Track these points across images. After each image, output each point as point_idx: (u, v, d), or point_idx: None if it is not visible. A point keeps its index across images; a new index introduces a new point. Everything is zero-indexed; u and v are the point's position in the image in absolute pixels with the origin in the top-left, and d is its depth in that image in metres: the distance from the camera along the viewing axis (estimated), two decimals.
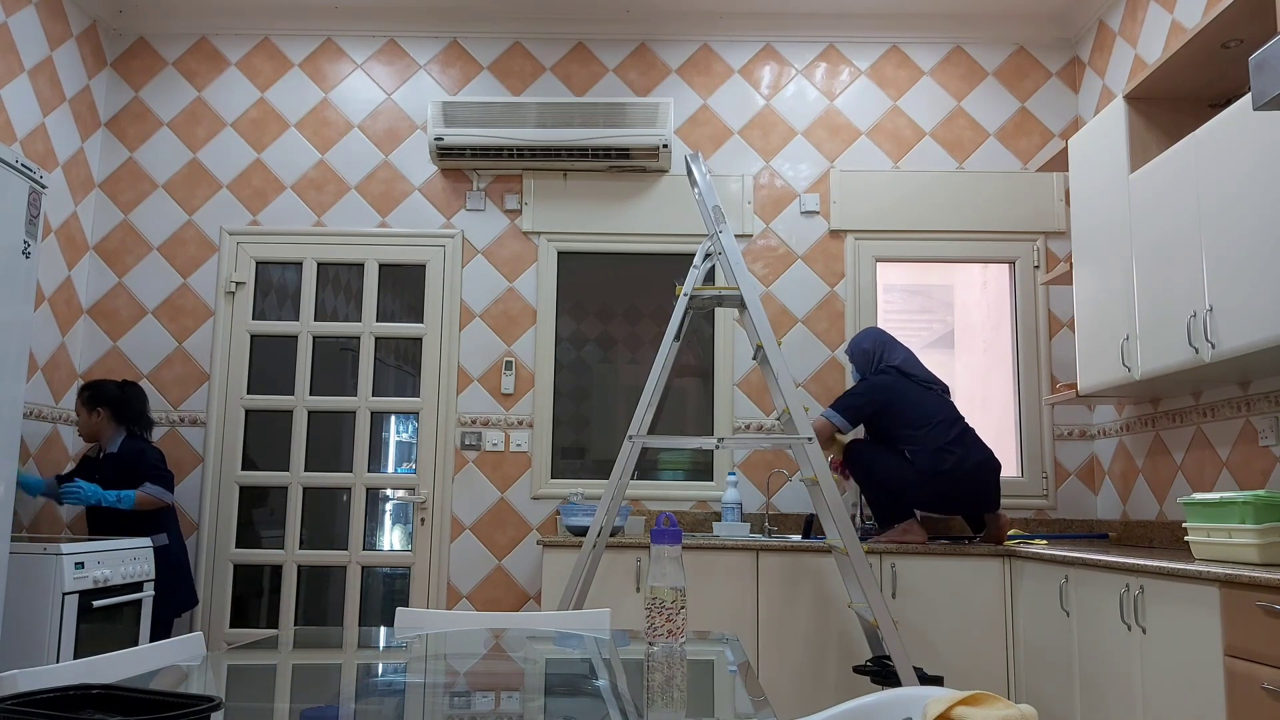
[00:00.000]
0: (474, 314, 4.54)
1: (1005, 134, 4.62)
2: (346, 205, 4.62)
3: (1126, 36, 4.18)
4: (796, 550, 3.74)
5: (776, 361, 3.40)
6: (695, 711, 1.35)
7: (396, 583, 4.42)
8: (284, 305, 4.58)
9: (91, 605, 3.50)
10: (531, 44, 4.71)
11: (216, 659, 1.74)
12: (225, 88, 4.70)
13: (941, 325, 5.13)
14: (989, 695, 1.15)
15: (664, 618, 1.92)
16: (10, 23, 3.99)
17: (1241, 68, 3.26)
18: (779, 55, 4.70)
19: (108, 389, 4.03)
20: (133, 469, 3.94)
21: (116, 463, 3.95)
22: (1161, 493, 3.87)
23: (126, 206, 4.62)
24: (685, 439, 3.44)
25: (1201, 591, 2.52)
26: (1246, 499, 2.63)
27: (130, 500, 3.86)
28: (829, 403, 4.45)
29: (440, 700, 1.42)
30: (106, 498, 3.82)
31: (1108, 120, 3.59)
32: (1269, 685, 2.25)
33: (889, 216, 4.55)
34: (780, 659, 3.68)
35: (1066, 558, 3.22)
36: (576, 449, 4.48)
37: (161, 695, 1.09)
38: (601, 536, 3.42)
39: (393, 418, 4.54)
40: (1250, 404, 3.33)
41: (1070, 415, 4.45)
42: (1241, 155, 2.78)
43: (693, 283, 3.54)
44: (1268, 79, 2.27)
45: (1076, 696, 3.21)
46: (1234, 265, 2.80)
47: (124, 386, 4.08)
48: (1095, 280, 3.65)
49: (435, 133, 4.37)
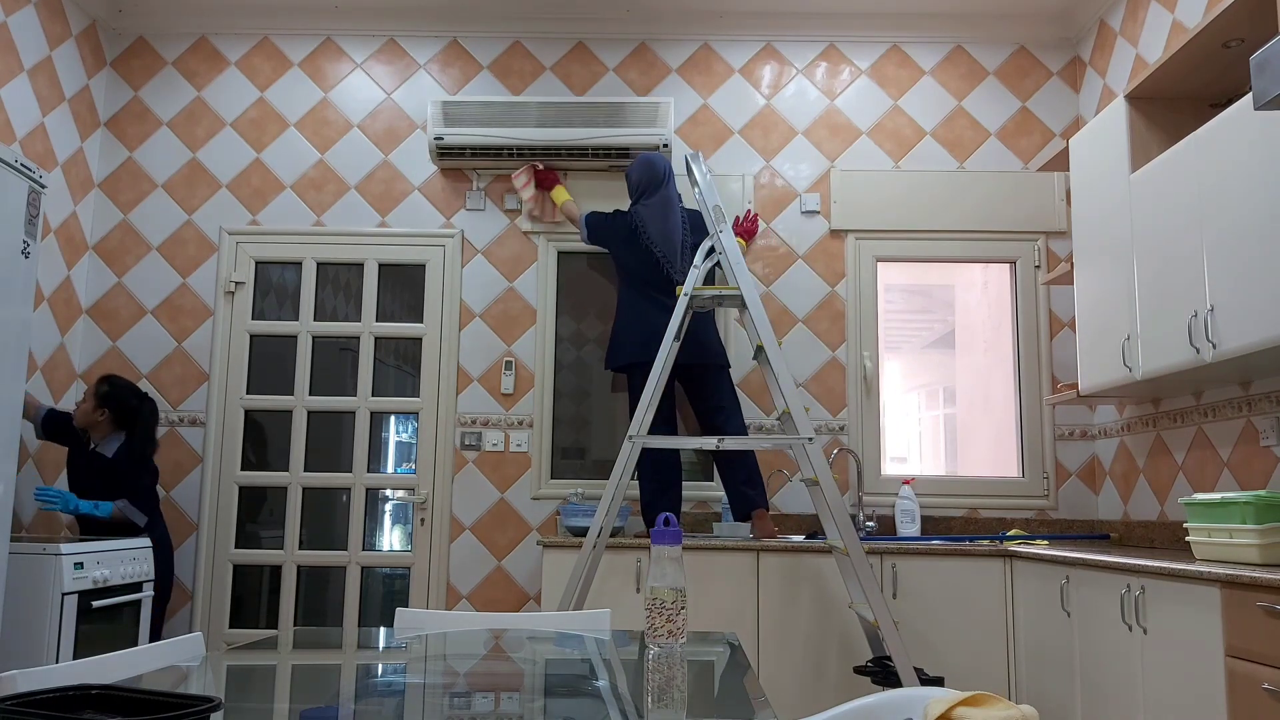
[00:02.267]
0: (474, 314, 4.53)
1: (1006, 133, 4.61)
2: (346, 205, 4.62)
3: (1127, 36, 4.18)
4: (797, 551, 3.74)
5: (777, 361, 3.40)
6: (695, 712, 1.35)
7: (396, 583, 4.42)
8: (284, 305, 4.57)
9: (91, 605, 3.50)
10: (531, 43, 4.71)
11: (216, 659, 1.74)
12: (225, 87, 4.70)
13: (942, 325, 5.12)
14: (990, 696, 1.14)
15: (664, 618, 1.91)
16: (10, 22, 3.99)
17: (1242, 67, 3.26)
18: (779, 55, 4.70)
19: (125, 396, 3.96)
20: (119, 479, 3.90)
21: (107, 466, 3.92)
22: (1162, 493, 3.86)
23: (126, 206, 4.62)
24: (685, 439, 3.43)
25: (1202, 592, 2.52)
26: (1247, 499, 2.62)
27: (107, 511, 3.83)
28: (829, 404, 4.45)
29: (440, 701, 1.41)
30: (83, 506, 3.79)
31: (1109, 120, 3.59)
32: (1270, 686, 2.25)
33: (889, 216, 4.55)
34: (780, 659, 3.68)
35: (1067, 558, 3.21)
36: (576, 449, 4.48)
37: (161, 695, 1.09)
38: (601, 537, 3.42)
39: (392, 418, 4.54)
40: (1251, 404, 3.33)
41: (1071, 415, 4.44)
42: (1243, 155, 2.78)
43: (693, 282, 3.54)
44: (1268, 79, 2.27)
45: (1077, 697, 3.20)
46: (1235, 265, 2.80)
47: (143, 400, 4.02)
48: (1096, 280, 3.65)
49: (435, 132, 4.36)
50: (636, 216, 4.05)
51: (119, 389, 3.96)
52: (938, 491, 4.38)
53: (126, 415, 3.97)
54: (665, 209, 4.03)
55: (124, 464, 3.92)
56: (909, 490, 4.18)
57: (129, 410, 3.97)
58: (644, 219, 4.02)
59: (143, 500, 3.91)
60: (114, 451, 3.94)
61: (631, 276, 4.02)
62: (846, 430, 4.42)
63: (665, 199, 4.04)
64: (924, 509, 4.36)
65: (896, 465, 5.10)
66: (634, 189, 4.12)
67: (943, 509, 4.36)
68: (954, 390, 5.18)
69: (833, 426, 4.42)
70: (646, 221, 4.01)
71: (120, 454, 3.94)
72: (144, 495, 3.92)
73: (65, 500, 3.77)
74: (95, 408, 3.93)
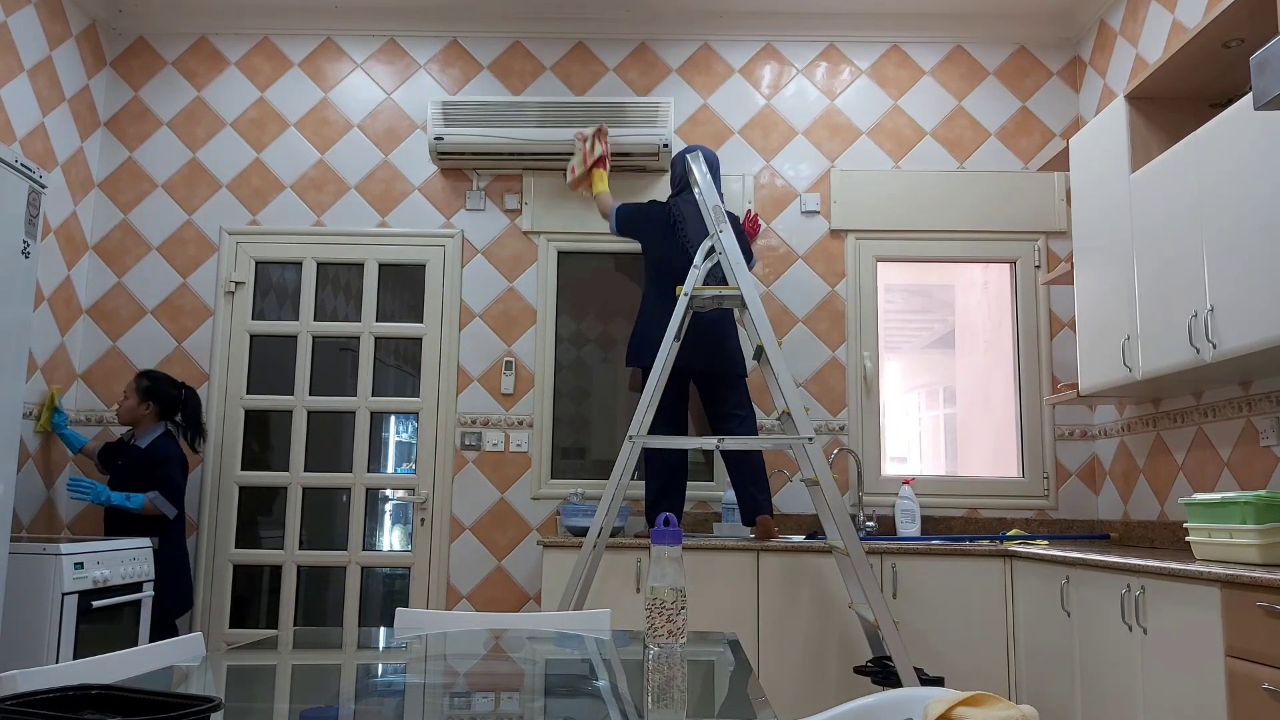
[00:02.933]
0: (474, 314, 4.53)
1: (1006, 133, 4.61)
2: (346, 205, 4.62)
3: (1127, 36, 4.18)
4: (797, 551, 3.74)
5: (777, 361, 3.40)
6: (695, 712, 1.35)
7: (396, 583, 4.42)
8: (284, 305, 4.57)
9: (91, 605, 3.49)
10: (531, 43, 4.71)
11: (216, 659, 1.74)
12: (225, 87, 4.70)
13: (942, 325, 5.12)
14: (990, 696, 1.14)
15: (664, 618, 1.91)
16: (10, 22, 3.99)
17: (1242, 67, 3.26)
18: (779, 55, 4.70)
19: (167, 388, 4.06)
20: (153, 470, 3.94)
21: (141, 458, 3.96)
22: (1163, 493, 3.86)
23: (126, 206, 4.62)
24: (685, 439, 3.43)
25: (1202, 592, 2.52)
26: (1247, 499, 2.62)
27: (139, 503, 3.87)
28: (829, 404, 4.45)
29: (440, 701, 1.41)
30: (114, 498, 3.84)
31: (1109, 120, 3.59)
32: (1270, 686, 2.24)
33: (890, 216, 4.55)
34: (780, 659, 3.68)
35: (1067, 558, 3.21)
36: (576, 449, 4.48)
37: (161, 695, 1.09)
38: (601, 537, 3.42)
39: (392, 418, 4.54)
40: (1251, 404, 3.33)
41: (1071, 415, 4.44)
42: (1243, 155, 2.78)
43: (693, 282, 3.54)
44: (1269, 79, 2.27)
45: (1077, 697, 3.20)
46: (1235, 265, 2.80)
47: (183, 389, 4.12)
48: (1096, 280, 3.65)
49: (435, 132, 4.36)
50: (675, 209, 3.98)
51: (159, 381, 4.06)
52: (938, 491, 4.38)
53: (170, 406, 4.07)
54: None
55: (159, 454, 3.96)
56: (909, 490, 4.18)
57: (172, 400, 4.07)
58: (682, 213, 3.96)
59: (174, 494, 3.95)
60: (149, 443, 3.99)
61: (660, 269, 3.94)
62: (846, 430, 4.42)
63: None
64: (924, 509, 4.36)
65: (896, 465, 5.10)
66: (676, 180, 4.06)
67: (943, 509, 4.36)
68: (954, 390, 5.18)
69: (833, 426, 4.42)
70: (685, 217, 3.95)
71: (156, 445, 3.99)
72: (175, 489, 3.96)
73: (97, 492, 3.82)
74: (140, 402, 4.01)
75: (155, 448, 3.98)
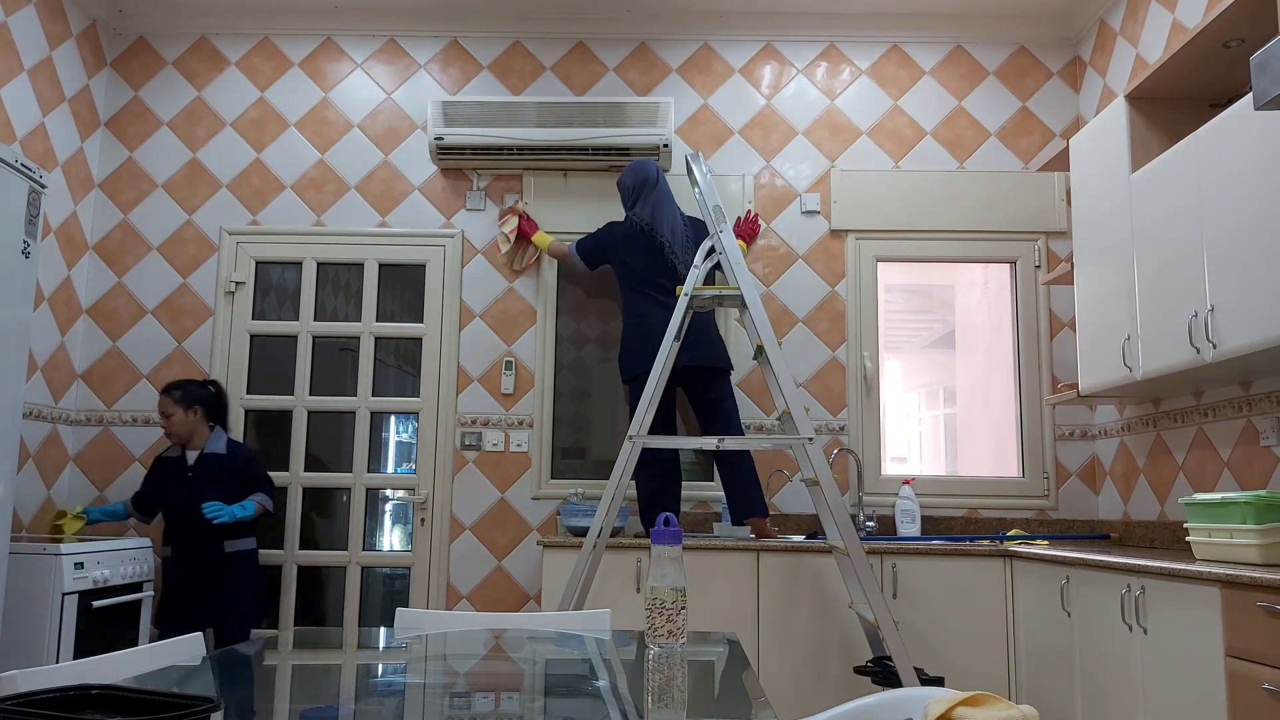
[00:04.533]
0: (474, 314, 4.53)
1: (1006, 134, 4.61)
2: (346, 205, 4.62)
3: (1128, 36, 4.18)
4: (797, 551, 3.74)
5: (777, 362, 3.40)
6: (695, 712, 1.35)
7: (396, 583, 4.42)
8: (284, 305, 4.57)
9: (91, 606, 3.50)
10: (531, 43, 4.71)
11: (216, 659, 1.74)
12: (225, 87, 4.70)
13: (942, 325, 5.12)
14: (990, 696, 1.14)
15: (664, 618, 1.91)
16: (10, 22, 3.99)
17: (1243, 67, 3.26)
18: (779, 55, 4.70)
19: (198, 389, 3.94)
20: (242, 473, 3.88)
21: (222, 464, 3.87)
22: (1163, 493, 3.86)
23: (126, 206, 4.62)
24: (685, 439, 3.43)
25: (1202, 592, 2.52)
26: (1248, 499, 2.62)
27: (251, 510, 3.79)
28: (829, 404, 4.45)
29: (440, 701, 1.41)
30: (237, 512, 3.73)
31: (1109, 120, 3.59)
32: (1270, 686, 2.24)
33: (890, 216, 4.55)
34: (780, 659, 3.68)
35: (1067, 558, 3.21)
36: (576, 449, 4.48)
37: (161, 695, 1.09)
38: (601, 537, 3.42)
39: (393, 418, 4.54)
40: (1251, 404, 3.33)
41: (1071, 415, 4.44)
42: (1243, 155, 2.78)
43: (693, 282, 3.54)
44: (1269, 79, 2.27)
45: (1077, 697, 3.20)
46: (1235, 265, 2.80)
47: (213, 384, 4.02)
48: (1096, 280, 3.65)
49: (435, 132, 4.36)
50: (638, 217, 4.05)
51: (190, 385, 3.94)
52: (938, 491, 4.38)
53: (214, 402, 3.97)
54: (664, 200, 4.05)
55: (242, 453, 3.91)
56: (909, 490, 4.18)
57: (213, 399, 3.98)
58: (646, 216, 4.03)
59: (271, 489, 3.93)
60: (224, 446, 3.92)
61: (635, 282, 4.01)
62: (846, 430, 4.42)
63: (662, 191, 4.07)
64: (924, 509, 4.36)
65: (896, 465, 5.10)
66: (629, 192, 4.13)
67: (943, 509, 4.36)
68: (954, 390, 5.18)
69: (833, 426, 4.42)
70: (651, 217, 4.01)
71: (232, 446, 3.93)
72: (269, 483, 3.93)
73: (231, 510, 3.70)
74: (186, 411, 3.88)
75: (234, 449, 3.92)
